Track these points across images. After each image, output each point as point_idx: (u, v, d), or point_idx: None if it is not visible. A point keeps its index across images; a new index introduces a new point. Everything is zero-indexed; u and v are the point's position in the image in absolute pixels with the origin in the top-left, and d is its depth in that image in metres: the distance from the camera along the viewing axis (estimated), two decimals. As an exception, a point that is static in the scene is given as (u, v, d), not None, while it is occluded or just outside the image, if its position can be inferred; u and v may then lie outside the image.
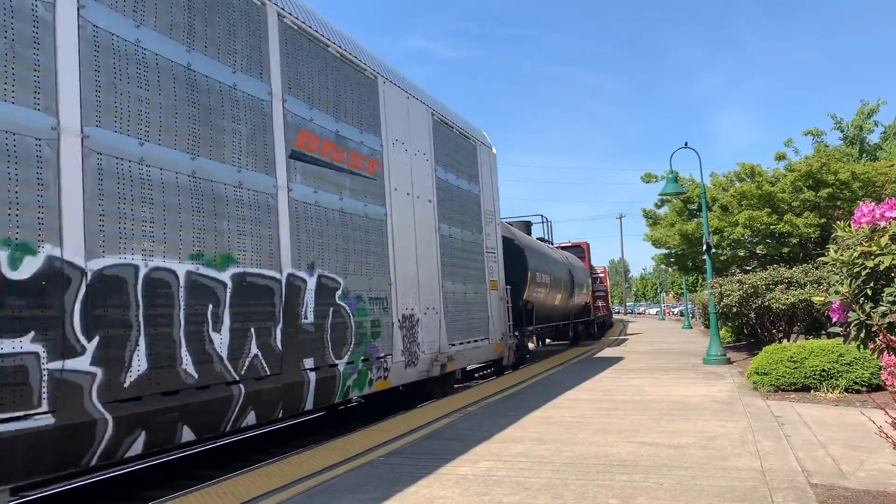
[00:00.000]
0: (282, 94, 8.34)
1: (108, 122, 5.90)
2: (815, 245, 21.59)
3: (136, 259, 6.01)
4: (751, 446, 7.08)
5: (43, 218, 5.24)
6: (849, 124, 33.48)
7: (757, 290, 15.69)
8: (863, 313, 3.98)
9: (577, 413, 9.67)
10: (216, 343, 6.82)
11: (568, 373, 15.69)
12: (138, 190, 6.11)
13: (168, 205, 6.41)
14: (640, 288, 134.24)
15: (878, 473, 5.86)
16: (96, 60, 5.83)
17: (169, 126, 6.52)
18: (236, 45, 7.56)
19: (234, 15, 7.58)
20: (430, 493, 5.70)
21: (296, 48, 8.78)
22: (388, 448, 7.65)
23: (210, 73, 7.11)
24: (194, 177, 6.78)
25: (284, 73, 8.42)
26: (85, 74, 5.70)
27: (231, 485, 6.34)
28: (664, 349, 23.02)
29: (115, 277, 5.80)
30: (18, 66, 5.15)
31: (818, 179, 21.69)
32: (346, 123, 9.87)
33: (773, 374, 11.19)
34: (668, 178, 18.75)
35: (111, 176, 5.85)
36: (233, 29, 7.53)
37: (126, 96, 6.10)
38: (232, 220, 7.24)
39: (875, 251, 3.94)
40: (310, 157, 8.88)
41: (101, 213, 5.74)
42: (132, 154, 6.10)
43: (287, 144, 8.37)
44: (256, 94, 7.80)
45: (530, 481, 5.97)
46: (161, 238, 6.29)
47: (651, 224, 29.45)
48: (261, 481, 6.35)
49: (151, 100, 6.35)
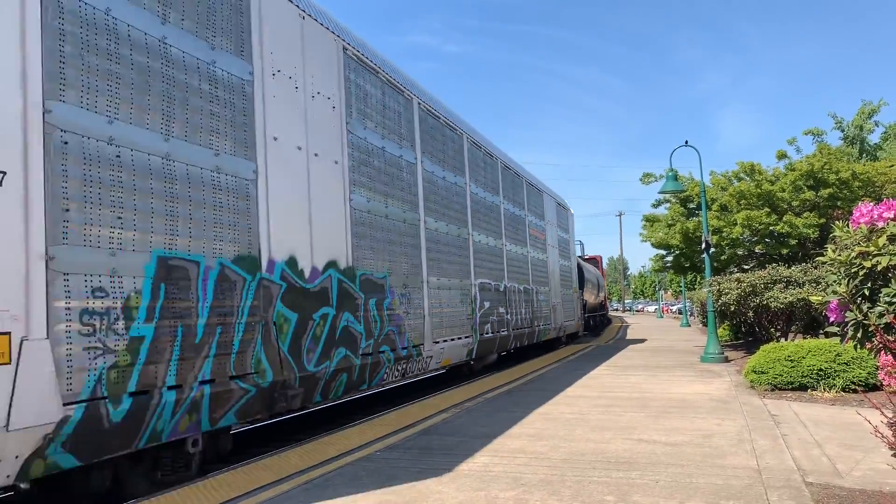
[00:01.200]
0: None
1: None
2: (815, 245, 21.59)
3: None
4: (747, 445, 7.10)
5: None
6: (849, 124, 33.46)
7: (755, 288, 15.70)
8: (860, 313, 3.99)
9: (575, 409, 9.70)
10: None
11: (565, 369, 15.71)
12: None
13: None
14: (639, 285, 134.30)
15: (874, 473, 5.87)
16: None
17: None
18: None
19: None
20: (427, 488, 5.72)
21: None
22: (385, 443, 7.67)
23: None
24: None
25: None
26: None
27: (228, 477, 6.35)
28: (662, 347, 23.04)
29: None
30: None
31: (819, 179, 21.68)
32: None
33: (771, 373, 11.21)
34: (668, 175, 18.76)
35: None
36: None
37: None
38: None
39: (873, 251, 3.95)
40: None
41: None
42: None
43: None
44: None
45: (527, 477, 5.99)
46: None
47: (649, 227, 29.43)
48: (258, 474, 6.37)
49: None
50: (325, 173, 9.14)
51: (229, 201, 7.16)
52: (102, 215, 5.66)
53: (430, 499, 5.44)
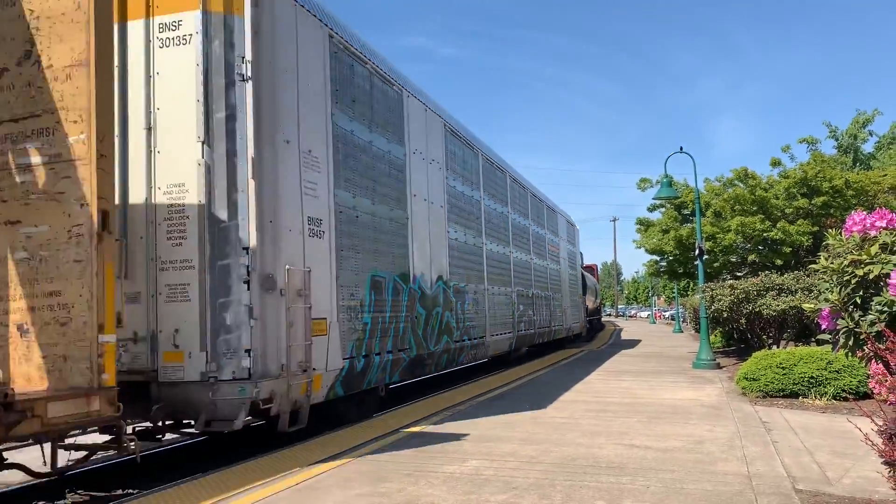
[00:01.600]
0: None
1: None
2: (808, 253, 21.67)
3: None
4: (738, 451, 7.12)
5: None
6: (843, 133, 33.60)
7: (748, 295, 15.75)
8: (851, 321, 4.00)
9: (567, 414, 9.70)
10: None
11: (558, 374, 15.72)
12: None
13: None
14: (632, 291, 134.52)
15: (864, 481, 5.89)
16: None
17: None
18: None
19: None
20: (418, 491, 5.71)
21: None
22: (376, 445, 7.66)
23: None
24: None
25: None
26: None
27: (218, 478, 6.33)
28: (654, 352, 23.07)
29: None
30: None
31: (812, 187, 21.76)
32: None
33: (762, 380, 11.24)
34: (663, 182, 18.82)
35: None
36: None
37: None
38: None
39: (865, 260, 3.96)
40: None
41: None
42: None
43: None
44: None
45: (518, 481, 5.99)
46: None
47: (643, 231, 29.49)
48: (248, 476, 6.35)
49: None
50: (436, 215, 12.91)
51: (396, 240, 11.02)
52: (352, 252, 9.42)
53: (421, 501, 5.44)
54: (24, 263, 5.95)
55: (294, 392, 7.74)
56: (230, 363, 7.22)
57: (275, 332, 7.57)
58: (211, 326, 7.26)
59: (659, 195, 19.16)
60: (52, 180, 5.96)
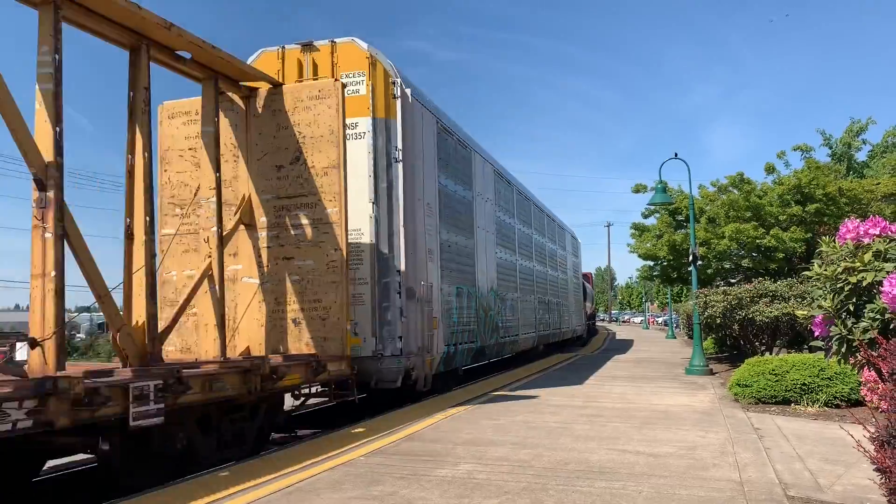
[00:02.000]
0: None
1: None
2: (801, 260, 21.73)
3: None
4: (730, 457, 7.12)
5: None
6: (837, 141, 33.71)
7: (741, 302, 15.78)
8: (844, 328, 4.01)
9: (559, 419, 9.70)
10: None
11: (551, 378, 15.72)
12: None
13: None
14: (626, 296, 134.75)
15: (855, 488, 5.90)
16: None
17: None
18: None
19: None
20: (410, 494, 5.70)
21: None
22: (369, 448, 7.64)
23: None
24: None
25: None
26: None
27: (210, 480, 6.30)
28: (647, 358, 23.10)
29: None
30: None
31: (806, 194, 21.84)
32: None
33: (755, 387, 11.26)
34: (657, 187, 18.86)
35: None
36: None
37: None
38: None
39: (858, 267, 3.97)
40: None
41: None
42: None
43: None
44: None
45: (510, 485, 5.98)
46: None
47: (637, 236, 29.53)
48: (240, 477, 6.32)
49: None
50: (489, 241, 17.40)
51: (468, 261, 15.40)
52: (447, 271, 13.64)
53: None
54: (296, 283, 9.88)
55: (424, 366, 11.99)
56: (390, 345, 11.15)
57: (414, 326, 11.74)
58: (378, 321, 11.14)
59: (653, 201, 19.22)
60: (316, 234, 9.84)
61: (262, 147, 10.13)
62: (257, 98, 10.19)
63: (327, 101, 9.96)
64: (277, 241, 10.03)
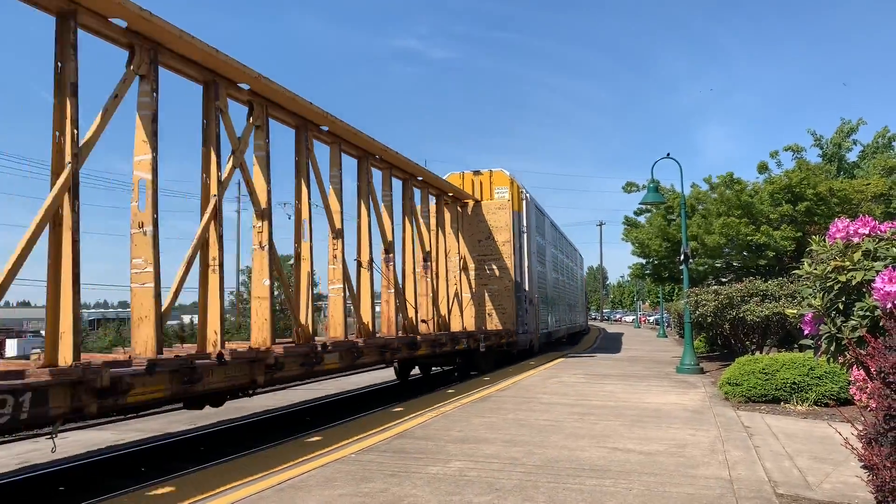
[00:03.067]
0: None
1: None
2: (791, 259, 21.81)
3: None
4: (720, 455, 7.16)
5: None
6: (828, 141, 33.82)
7: (732, 301, 15.84)
8: (834, 327, 4.03)
9: (550, 417, 9.71)
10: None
11: (543, 377, 15.75)
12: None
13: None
14: (618, 295, 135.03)
15: (843, 486, 5.94)
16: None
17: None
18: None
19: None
20: (401, 491, 5.70)
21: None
22: (360, 445, 7.64)
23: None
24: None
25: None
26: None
27: (201, 477, 6.29)
28: (639, 357, 23.17)
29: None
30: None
31: (797, 193, 21.92)
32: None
33: (745, 385, 11.31)
34: (649, 186, 18.88)
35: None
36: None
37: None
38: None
39: (848, 266, 3.99)
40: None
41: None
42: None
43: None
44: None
45: (501, 482, 5.99)
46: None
47: (631, 229, 29.64)
48: (231, 475, 6.31)
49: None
50: (548, 267, 27.88)
51: (542, 281, 26.29)
52: (539, 288, 25.09)
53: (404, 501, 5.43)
54: (489, 296, 21.49)
55: (536, 340, 23.74)
56: (522, 328, 21.92)
57: (532, 318, 22.99)
58: (517, 315, 21.67)
59: (645, 200, 19.23)
60: (499, 273, 21.44)
61: (470, 230, 21.41)
62: (468, 206, 21.57)
63: (504, 210, 21.64)
64: (479, 277, 21.50)
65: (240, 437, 11.14)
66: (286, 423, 12.44)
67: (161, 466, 8.62)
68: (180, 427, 12.11)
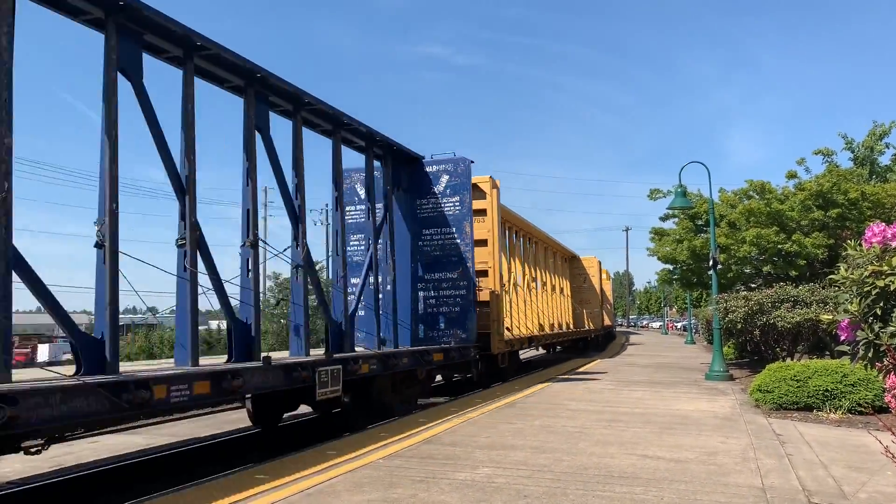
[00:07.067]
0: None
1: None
2: (823, 265, 21.48)
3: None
4: (752, 463, 7.05)
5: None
6: (860, 145, 33.25)
7: (762, 307, 15.63)
8: (871, 332, 3.94)
9: (578, 423, 9.65)
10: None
11: (569, 384, 15.65)
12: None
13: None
14: (644, 301, 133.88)
15: (880, 496, 5.82)
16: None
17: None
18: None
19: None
20: (429, 497, 5.69)
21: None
22: (388, 451, 7.64)
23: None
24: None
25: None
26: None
27: (231, 482, 6.33)
28: (666, 363, 22.95)
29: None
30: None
31: (828, 199, 21.60)
32: None
33: (776, 392, 11.14)
34: (677, 192, 18.70)
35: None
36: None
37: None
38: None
39: (886, 271, 3.91)
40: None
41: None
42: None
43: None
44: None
45: (529, 489, 5.95)
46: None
47: (657, 240, 29.33)
48: (259, 479, 6.35)
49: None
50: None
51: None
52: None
53: None
54: (584, 307, 35.05)
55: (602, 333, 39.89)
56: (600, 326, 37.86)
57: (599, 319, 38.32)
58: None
59: (673, 205, 19.06)
60: (588, 292, 36.80)
61: (574, 278, 34.77)
62: (572, 260, 35.54)
63: (593, 269, 37.50)
64: (577, 300, 33.82)
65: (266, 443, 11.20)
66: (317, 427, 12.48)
67: (191, 470, 8.68)
68: (209, 431, 12.20)
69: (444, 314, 15.12)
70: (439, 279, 15.16)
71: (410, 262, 14.90)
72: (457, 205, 15.02)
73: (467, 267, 14.92)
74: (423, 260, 15.30)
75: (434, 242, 15.21)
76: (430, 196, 15.14)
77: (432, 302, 15.19)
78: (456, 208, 15.01)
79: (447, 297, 15.16)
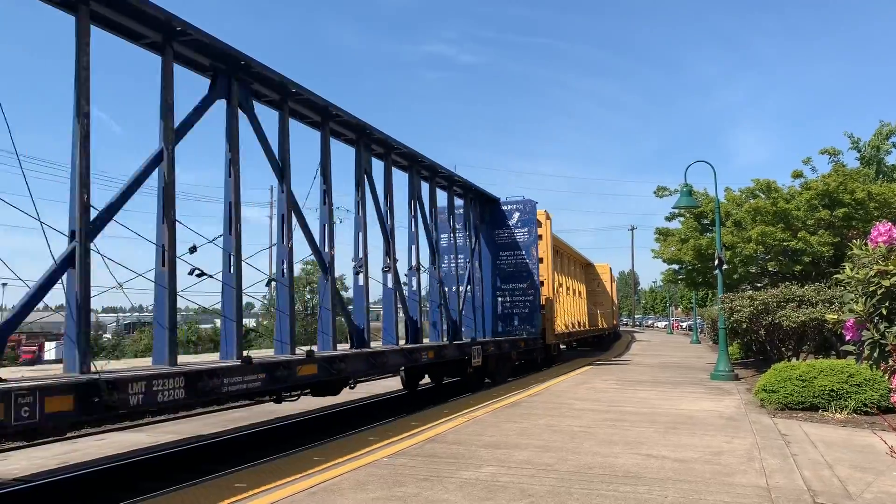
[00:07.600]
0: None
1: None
2: (829, 264, 21.40)
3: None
4: (757, 463, 7.03)
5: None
6: (866, 144, 33.09)
7: (768, 306, 15.59)
8: (877, 332, 3.93)
9: (583, 423, 9.64)
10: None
11: (574, 383, 15.65)
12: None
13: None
14: (650, 300, 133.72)
15: (886, 496, 5.80)
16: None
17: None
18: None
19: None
20: (433, 496, 5.69)
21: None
22: (392, 449, 7.65)
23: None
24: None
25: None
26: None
27: (235, 479, 6.35)
28: (671, 363, 22.91)
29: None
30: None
31: (834, 198, 21.51)
32: None
33: (781, 392, 11.11)
34: (683, 191, 18.65)
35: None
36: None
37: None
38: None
39: (892, 270, 3.90)
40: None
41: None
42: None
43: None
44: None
45: (534, 488, 5.95)
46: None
47: (662, 240, 29.22)
48: (264, 477, 6.36)
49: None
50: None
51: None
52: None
53: None
54: (597, 308, 39.09)
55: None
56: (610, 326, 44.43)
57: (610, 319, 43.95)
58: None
59: (678, 204, 19.01)
60: (601, 295, 41.19)
61: (589, 283, 37.77)
62: (588, 267, 38.70)
63: (605, 274, 42.09)
64: (592, 302, 36.58)
65: (269, 441, 11.22)
66: (320, 427, 12.51)
67: (195, 468, 8.70)
68: (213, 430, 12.23)
69: (517, 314, 20.97)
70: (512, 289, 21.06)
71: (491, 276, 20.72)
72: (525, 234, 21.00)
73: (534, 279, 20.78)
74: (501, 274, 21.12)
75: (508, 261, 21.03)
76: (506, 228, 21.07)
77: (507, 305, 21.09)
78: (525, 237, 20.99)
79: (518, 301, 20.88)
